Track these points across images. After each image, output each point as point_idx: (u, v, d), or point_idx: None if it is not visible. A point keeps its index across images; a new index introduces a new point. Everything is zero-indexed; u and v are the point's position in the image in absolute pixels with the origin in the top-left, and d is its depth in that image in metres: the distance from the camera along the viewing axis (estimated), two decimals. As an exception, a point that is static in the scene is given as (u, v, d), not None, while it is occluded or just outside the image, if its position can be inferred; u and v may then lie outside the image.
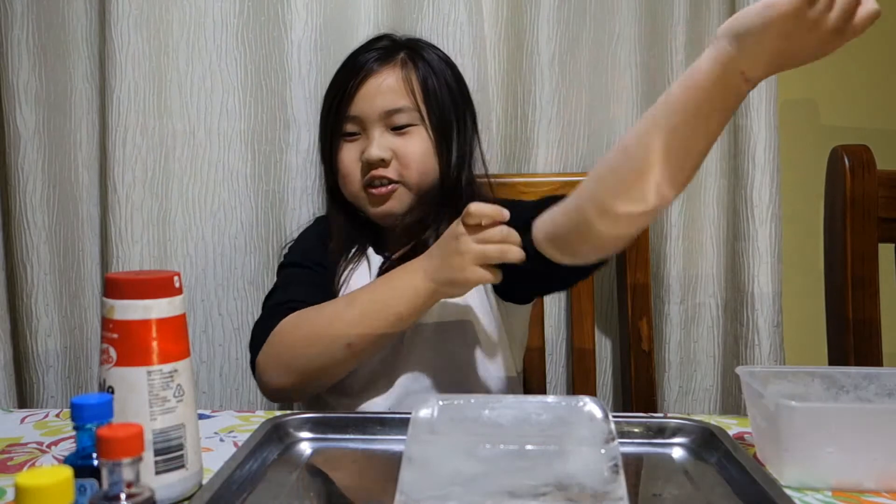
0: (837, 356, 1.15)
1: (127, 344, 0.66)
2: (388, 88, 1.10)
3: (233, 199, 1.33)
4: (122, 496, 0.51)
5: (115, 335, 0.66)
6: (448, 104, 1.13)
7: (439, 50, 1.19)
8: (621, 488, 0.57)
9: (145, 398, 0.66)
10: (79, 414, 0.59)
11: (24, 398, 1.32)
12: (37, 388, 1.30)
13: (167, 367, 0.67)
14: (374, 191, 1.10)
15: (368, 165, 1.09)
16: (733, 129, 1.37)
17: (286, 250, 1.21)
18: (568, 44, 1.35)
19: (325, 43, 1.30)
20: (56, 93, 1.29)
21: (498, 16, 1.35)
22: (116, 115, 1.26)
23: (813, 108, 1.65)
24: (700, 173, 1.39)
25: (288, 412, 0.85)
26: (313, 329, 0.97)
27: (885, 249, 1.17)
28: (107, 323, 0.67)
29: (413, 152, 1.10)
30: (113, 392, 0.65)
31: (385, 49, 1.13)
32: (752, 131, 1.33)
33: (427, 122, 1.11)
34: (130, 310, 0.66)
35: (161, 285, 0.67)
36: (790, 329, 1.40)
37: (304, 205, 1.31)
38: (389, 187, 1.09)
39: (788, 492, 0.66)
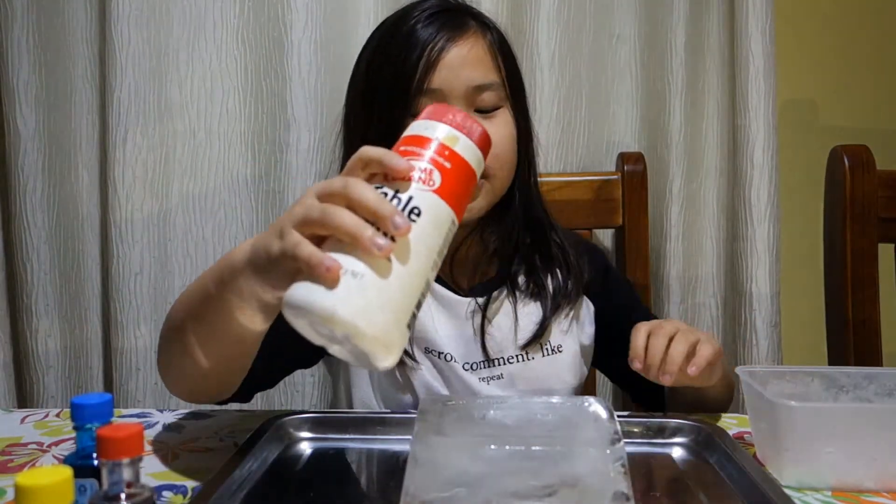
0: (837, 356, 1.15)
1: (455, 182, 0.59)
2: (476, 59, 0.91)
3: (233, 199, 1.33)
4: (122, 496, 0.51)
5: (449, 165, 0.59)
6: (523, 82, 0.99)
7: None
8: (628, 489, 0.57)
9: (438, 245, 0.58)
10: (79, 414, 0.59)
11: (24, 398, 1.32)
12: (37, 388, 1.30)
13: (455, 229, 0.61)
14: None
15: None
16: (732, 129, 1.37)
17: None
18: (568, 44, 1.35)
19: (325, 43, 1.30)
20: (56, 93, 1.29)
21: (498, 16, 1.35)
22: (116, 115, 1.26)
23: (813, 108, 1.65)
24: (699, 173, 1.39)
25: (288, 412, 0.85)
26: (168, 315, 0.78)
27: (885, 249, 1.17)
28: (443, 149, 0.59)
29: (502, 139, 0.92)
30: (419, 214, 0.57)
31: (450, 12, 0.94)
32: (750, 131, 1.33)
33: (511, 102, 0.95)
34: (472, 152, 0.61)
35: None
36: (789, 329, 1.40)
37: (304, 205, 1.31)
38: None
39: (788, 492, 0.66)
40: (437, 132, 0.60)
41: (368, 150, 0.59)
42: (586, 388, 1.28)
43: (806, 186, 1.51)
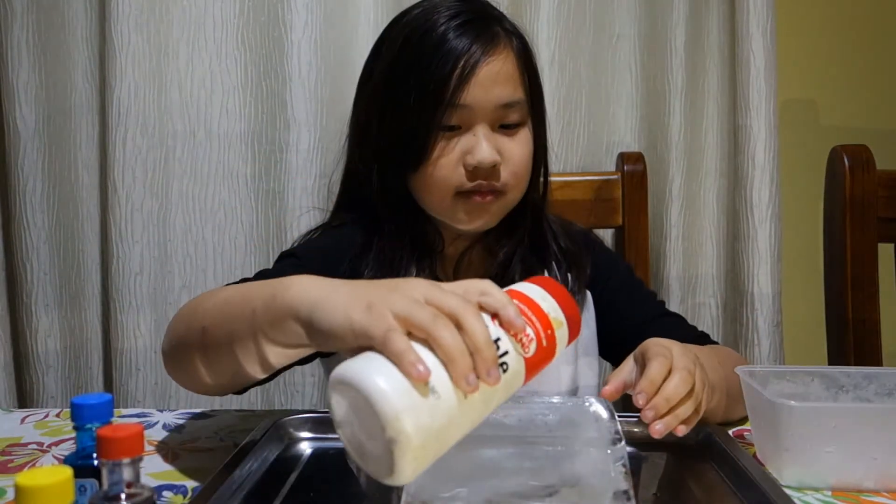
0: (837, 356, 1.15)
1: (541, 360, 0.58)
2: (507, 76, 0.90)
3: (233, 199, 1.33)
4: (122, 496, 0.51)
5: (545, 344, 0.58)
6: (543, 96, 0.98)
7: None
8: (629, 488, 0.57)
9: (499, 403, 0.57)
10: (79, 414, 0.59)
11: (24, 398, 1.32)
12: (37, 388, 1.30)
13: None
14: (478, 198, 0.91)
15: (475, 171, 0.90)
16: (733, 129, 1.37)
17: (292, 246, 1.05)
18: (568, 44, 1.35)
19: (325, 43, 1.30)
20: (56, 93, 1.29)
21: (498, 16, 1.35)
22: (116, 115, 1.26)
23: (813, 108, 1.65)
24: (699, 173, 1.39)
25: (288, 412, 0.85)
26: (194, 304, 0.77)
27: (884, 249, 1.17)
28: (547, 327, 0.59)
29: (522, 157, 0.92)
30: (505, 371, 0.55)
31: (480, 20, 0.92)
32: (751, 131, 1.33)
33: (531, 119, 0.94)
34: (564, 342, 0.61)
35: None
36: (790, 329, 1.40)
37: (304, 205, 1.31)
38: (490, 197, 0.92)
39: (788, 491, 0.66)
40: (550, 309, 0.60)
41: (493, 291, 0.58)
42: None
43: (806, 186, 1.51)
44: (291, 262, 0.95)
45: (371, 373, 0.51)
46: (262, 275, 0.93)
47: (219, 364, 0.71)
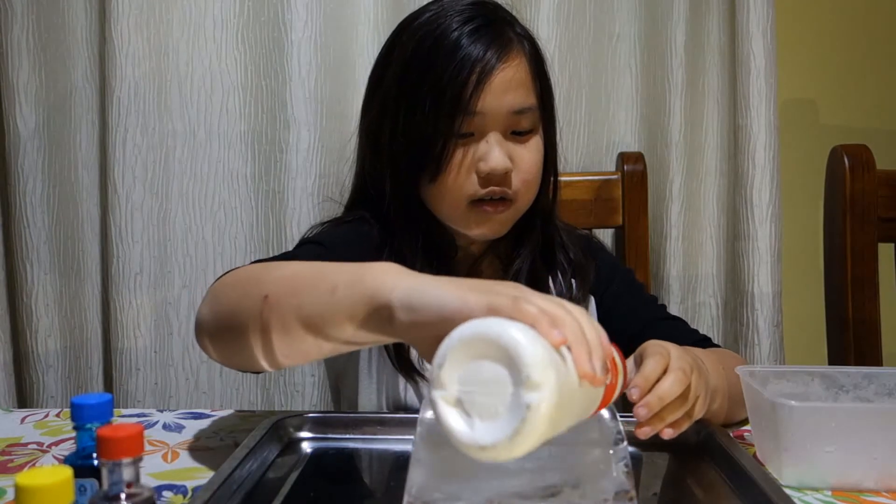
0: (837, 356, 1.15)
1: (608, 395, 0.58)
2: (519, 83, 0.91)
3: (233, 199, 1.33)
4: (122, 496, 0.51)
5: (612, 381, 0.58)
6: (554, 102, 0.99)
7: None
8: (631, 489, 0.57)
9: (577, 419, 0.55)
10: (79, 414, 0.59)
11: (24, 398, 1.32)
12: (37, 387, 1.30)
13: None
14: (489, 207, 0.92)
15: (487, 178, 0.90)
16: (733, 129, 1.37)
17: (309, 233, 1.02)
18: (568, 44, 1.35)
19: (325, 43, 1.30)
20: (56, 93, 1.29)
21: (498, 16, 1.35)
22: (116, 115, 1.26)
23: (813, 108, 1.65)
24: (699, 173, 1.39)
25: (288, 412, 0.85)
26: (251, 271, 0.76)
27: (884, 249, 1.17)
28: (616, 374, 0.59)
29: (533, 163, 0.93)
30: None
31: (493, 25, 0.91)
32: (751, 131, 1.33)
33: (542, 126, 0.95)
34: (620, 389, 0.62)
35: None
36: (790, 329, 1.40)
37: (303, 205, 1.31)
38: (501, 208, 0.92)
39: (788, 491, 0.66)
40: (620, 364, 0.62)
41: (592, 325, 0.55)
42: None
43: (806, 186, 1.51)
44: (316, 249, 0.93)
45: (512, 328, 0.48)
46: (285, 258, 0.90)
47: (274, 334, 0.67)
